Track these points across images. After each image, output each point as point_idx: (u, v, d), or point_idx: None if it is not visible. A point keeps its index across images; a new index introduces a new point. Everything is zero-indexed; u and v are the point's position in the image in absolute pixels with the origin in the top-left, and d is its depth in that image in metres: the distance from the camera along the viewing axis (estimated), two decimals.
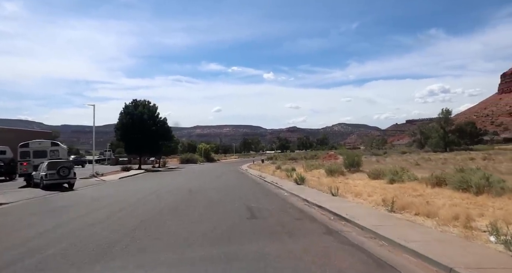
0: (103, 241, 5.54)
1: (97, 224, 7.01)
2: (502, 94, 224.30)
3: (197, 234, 5.99)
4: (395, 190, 11.25)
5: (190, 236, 5.81)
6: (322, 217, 7.70)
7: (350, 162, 22.00)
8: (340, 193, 11.15)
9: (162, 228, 6.51)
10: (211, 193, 12.83)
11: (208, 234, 5.98)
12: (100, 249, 5.06)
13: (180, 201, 10.58)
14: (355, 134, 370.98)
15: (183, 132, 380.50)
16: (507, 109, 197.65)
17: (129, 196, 12.30)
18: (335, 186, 12.62)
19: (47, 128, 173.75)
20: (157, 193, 13.17)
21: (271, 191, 13.74)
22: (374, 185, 13.18)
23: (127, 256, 4.73)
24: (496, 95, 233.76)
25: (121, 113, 37.19)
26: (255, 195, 12.33)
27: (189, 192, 13.33)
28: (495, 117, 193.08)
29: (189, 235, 5.89)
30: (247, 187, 15.62)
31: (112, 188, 16.45)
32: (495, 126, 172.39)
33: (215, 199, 11.13)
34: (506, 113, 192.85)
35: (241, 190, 14.05)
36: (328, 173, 20.10)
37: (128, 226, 6.72)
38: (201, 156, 73.79)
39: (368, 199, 9.83)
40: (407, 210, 7.69)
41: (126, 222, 7.15)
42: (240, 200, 10.67)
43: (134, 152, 39.93)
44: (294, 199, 11.14)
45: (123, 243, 5.41)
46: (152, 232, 6.18)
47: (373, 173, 16.41)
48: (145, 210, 8.81)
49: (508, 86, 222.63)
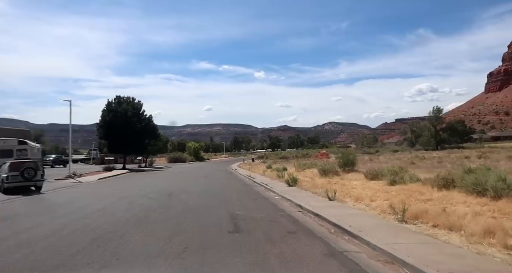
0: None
1: (32, 243, 5.47)
2: (488, 93, 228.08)
3: (161, 257, 4.57)
4: (399, 193, 10.01)
5: (150, 262, 4.39)
6: (321, 230, 6.35)
7: (344, 161, 20.78)
8: (338, 197, 9.85)
9: (118, 248, 5.06)
10: (193, 197, 11.39)
11: (175, 258, 4.57)
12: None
13: (154, 208, 9.10)
14: (345, 133, 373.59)
15: (174, 130, 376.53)
16: (493, 108, 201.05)
17: (97, 202, 10.76)
18: (332, 189, 11.33)
19: (33, 126, 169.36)
20: (131, 197, 11.66)
21: (261, 194, 12.37)
22: (374, 187, 11.94)
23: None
24: (483, 94, 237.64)
25: (104, 110, 35.21)
26: (242, 199, 10.94)
27: (168, 196, 11.86)
28: (482, 116, 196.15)
29: (149, 260, 4.46)
30: (235, 190, 14.22)
31: (85, 191, 14.82)
32: (482, 124, 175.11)
33: (196, 205, 9.69)
34: (493, 112, 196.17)
35: (228, 193, 12.64)
36: (322, 173, 18.87)
37: (74, 246, 5.22)
38: (190, 155, 72.13)
39: (371, 204, 8.55)
40: (422, 219, 6.42)
41: (74, 240, 5.65)
42: (224, 206, 9.28)
43: (118, 151, 38.03)
44: (286, 205, 9.79)
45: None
46: (103, 255, 4.73)
47: (370, 173, 15.19)
48: (108, 220, 7.32)
49: (495, 85, 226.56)
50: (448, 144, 67.99)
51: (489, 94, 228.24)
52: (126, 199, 11.10)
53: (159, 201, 10.58)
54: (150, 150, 47.48)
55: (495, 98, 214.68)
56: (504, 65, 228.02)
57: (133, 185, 16.88)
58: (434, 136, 68.69)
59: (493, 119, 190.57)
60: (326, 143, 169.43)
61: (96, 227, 6.54)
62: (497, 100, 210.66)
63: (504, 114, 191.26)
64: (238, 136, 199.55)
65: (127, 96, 36.94)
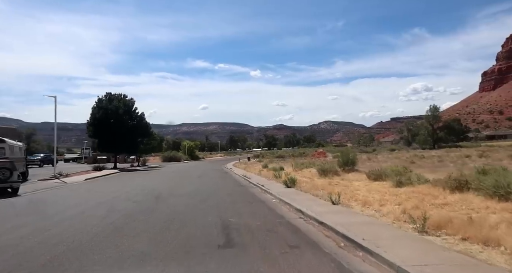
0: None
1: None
2: (482, 92, 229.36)
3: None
4: (409, 196, 9.07)
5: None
6: (328, 243, 5.36)
7: (344, 160, 19.86)
8: (343, 201, 8.88)
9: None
10: (182, 201, 10.34)
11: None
12: None
13: (136, 214, 8.05)
14: (341, 132, 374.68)
15: (169, 129, 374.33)
16: (487, 107, 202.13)
17: (75, 206, 9.67)
18: (334, 191, 10.36)
19: (26, 125, 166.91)
20: (114, 201, 10.58)
21: (256, 197, 11.37)
22: (379, 189, 10.99)
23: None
24: (477, 93, 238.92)
25: (94, 108, 33.90)
26: (237, 202, 9.93)
27: (155, 199, 10.80)
28: (477, 115, 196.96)
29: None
30: (229, 191, 13.20)
31: (66, 193, 13.69)
32: (476, 123, 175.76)
33: (184, 210, 8.65)
34: (487, 111, 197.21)
35: (221, 196, 11.62)
36: (321, 173, 17.93)
37: (21, 272, 4.17)
38: (185, 154, 71.01)
39: (381, 210, 7.58)
40: (446, 230, 5.46)
41: (24, 260, 4.56)
42: (216, 211, 8.26)
43: (109, 150, 36.78)
44: (284, 209, 8.80)
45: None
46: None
47: (373, 174, 14.25)
48: (78, 231, 6.26)
49: (489, 84, 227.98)
50: (445, 142, 67.64)
51: (483, 93, 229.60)
52: (108, 203, 10.02)
53: (144, 205, 9.52)
54: (143, 149, 46.29)
55: (489, 97, 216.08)
56: (498, 65, 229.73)
57: (120, 186, 15.77)
58: (431, 134, 68.32)
59: (487, 118, 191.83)
60: (322, 142, 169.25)
61: (60, 241, 5.48)
62: (491, 99, 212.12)
63: (498, 113, 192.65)
64: (234, 135, 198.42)
65: (118, 93, 35.73)
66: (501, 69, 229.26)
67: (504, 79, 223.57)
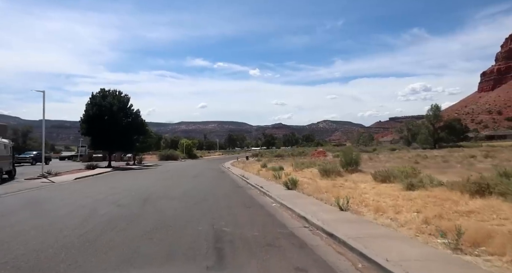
0: None
1: None
2: (481, 93, 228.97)
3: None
4: (425, 201, 8.09)
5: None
6: (342, 263, 4.36)
7: (347, 160, 18.87)
8: (351, 206, 7.89)
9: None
10: (172, 204, 9.33)
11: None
12: None
13: (116, 222, 7.01)
14: (339, 131, 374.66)
15: (168, 128, 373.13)
16: (486, 107, 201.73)
17: (50, 211, 8.62)
18: (340, 194, 9.38)
19: (24, 122, 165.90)
20: (97, 204, 9.55)
21: (254, 200, 10.37)
22: (389, 192, 10.02)
23: None
24: (476, 93, 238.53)
25: (87, 104, 32.73)
26: (233, 207, 8.92)
27: (143, 202, 9.78)
28: (475, 115, 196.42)
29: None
30: (225, 193, 12.20)
31: (49, 194, 12.63)
32: (475, 123, 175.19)
33: (173, 216, 7.64)
34: (486, 111, 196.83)
35: (216, 198, 10.61)
36: (323, 174, 16.98)
37: None
38: (182, 153, 70.03)
39: (398, 218, 6.57)
40: (485, 247, 4.48)
41: None
42: (209, 218, 7.25)
43: (102, 147, 35.64)
44: (286, 216, 7.79)
45: None
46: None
47: (380, 175, 13.27)
48: (44, 245, 5.23)
49: (488, 84, 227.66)
50: (446, 142, 66.84)
51: (482, 93, 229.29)
52: (90, 207, 8.99)
53: (129, 210, 8.50)
54: (139, 147, 45.24)
55: (488, 98, 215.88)
56: (497, 65, 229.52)
57: (109, 187, 14.73)
58: (432, 134, 67.49)
59: (486, 119, 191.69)
60: (321, 142, 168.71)
61: (12, 259, 4.45)
62: (490, 99, 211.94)
63: (497, 114, 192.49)
64: (232, 133, 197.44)
65: (113, 89, 34.56)
66: (500, 69, 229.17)
67: (503, 79, 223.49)
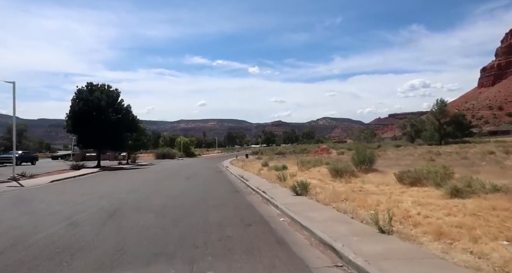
0: None
1: None
2: (481, 88, 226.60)
3: None
4: (499, 217, 5.75)
5: None
6: None
7: (360, 158, 16.54)
8: (395, 225, 5.53)
9: None
10: (145, 221, 6.96)
11: None
12: None
13: (50, 254, 4.66)
14: (339, 128, 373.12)
15: (167, 126, 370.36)
16: (487, 102, 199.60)
17: None
18: (371, 204, 7.05)
19: (22, 121, 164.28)
20: (44, 221, 7.14)
21: (256, 212, 8.02)
22: (430, 200, 7.67)
23: None
24: (476, 89, 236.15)
25: (73, 99, 30.22)
26: (226, 225, 6.56)
27: (108, 217, 7.39)
28: (476, 111, 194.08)
29: None
30: (218, 201, 9.85)
31: (1, 203, 10.27)
32: (476, 119, 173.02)
33: (137, 242, 5.28)
34: (486, 107, 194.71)
35: (205, 210, 8.25)
36: (334, 174, 14.66)
37: None
38: (180, 151, 67.73)
39: (485, 253, 4.20)
40: None
41: None
42: (188, 248, 4.90)
43: (90, 146, 33.19)
44: (303, 242, 5.42)
45: None
46: None
47: (408, 176, 10.94)
48: None
49: (488, 80, 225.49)
50: (452, 138, 64.60)
51: (482, 89, 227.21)
52: (31, 225, 6.61)
53: (81, 231, 6.12)
54: (132, 145, 42.81)
55: (488, 93, 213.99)
56: (497, 60, 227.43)
57: (81, 193, 12.34)
58: (438, 130, 65.22)
59: (487, 114, 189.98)
60: (321, 139, 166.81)
61: None
62: (491, 95, 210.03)
63: (498, 109, 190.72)
64: (232, 131, 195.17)
65: (101, 83, 32.07)
66: (500, 64, 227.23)
67: (504, 74, 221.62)
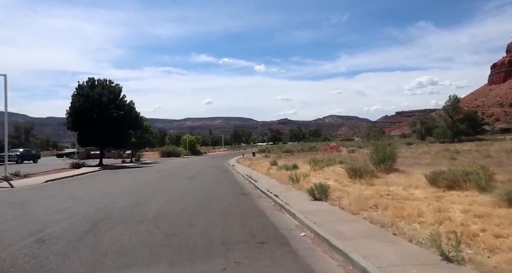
0: None
1: None
2: (492, 85, 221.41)
3: None
4: None
5: None
6: None
7: (380, 156, 15.00)
8: (464, 251, 4.08)
9: None
10: (131, 237, 5.58)
11: None
12: None
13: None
14: (346, 126, 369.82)
15: (174, 124, 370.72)
16: (497, 100, 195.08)
17: None
18: (412, 214, 5.58)
19: (31, 120, 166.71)
20: (9, 237, 5.85)
21: (269, 221, 6.60)
22: (484, 209, 6.18)
23: None
24: (486, 86, 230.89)
25: (74, 95, 29.09)
26: (232, 242, 5.14)
27: (87, 231, 6.02)
28: (486, 108, 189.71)
29: None
30: (223, 208, 8.45)
31: None
32: (486, 116, 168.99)
33: (120, 264, 3.91)
34: (497, 104, 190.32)
35: (207, 221, 6.84)
36: (352, 174, 13.19)
37: None
38: (185, 149, 66.65)
39: None
40: None
41: None
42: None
43: (91, 143, 32.13)
44: (335, 268, 4.00)
45: None
46: None
47: (444, 178, 9.42)
48: None
49: (499, 77, 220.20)
50: (465, 135, 62.37)
51: (492, 85, 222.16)
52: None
53: (49, 250, 4.77)
54: (136, 143, 41.75)
55: (499, 90, 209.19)
56: (509, 56, 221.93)
57: (70, 196, 11.04)
58: (450, 127, 63.05)
59: (497, 111, 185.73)
60: (328, 136, 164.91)
61: None
62: (501, 92, 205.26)
63: (509, 106, 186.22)
64: (238, 129, 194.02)
65: (103, 79, 30.87)
66: (511, 61, 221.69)
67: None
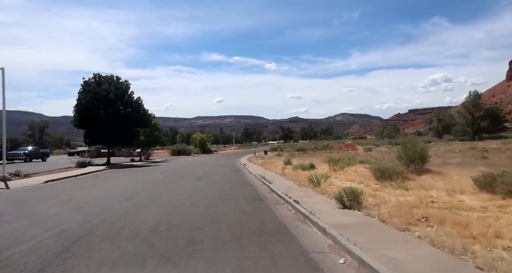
0: None
1: None
2: (510, 81, 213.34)
3: None
4: None
5: None
6: None
7: (410, 155, 13.39)
8: None
9: None
10: (118, 261, 4.26)
11: None
12: None
13: None
14: (357, 124, 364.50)
15: (185, 123, 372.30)
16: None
17: None
18: (479, 233, 4.06)
19: (47, 119, 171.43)
20: None
21: (294, 240, 5.17)
22: None
23: None
24: (504, 82, 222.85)
25: (80, 92, 28.20)
26: (245, 269, 3.74)
27: (59, 254, 4.74)
28: (504, 105, 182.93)
29: None
30: (235, 217, 7.07)
31: None
32: (504, 114, 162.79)
33: None
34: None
35: (217, 234, 5.46)
36: (379, 176, 11.67)
37: None
38: (196, 147, 65.78)
39: None
40: None
41: None
42: None
43: (98, 142, 31.24)
44: None
45: None
46: None
47: (503, 182, 7.82)
48: None
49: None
50: (487, 133, 59.42)
51: (510, 82, 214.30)
52: None
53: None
54: (145, 141, 40.84)
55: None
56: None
57: (63, 201, 9.82)
58: (471, 124, 60.19)
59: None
60: (340, 135, 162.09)
61: None
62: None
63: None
64: (249, 127, 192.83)
65: (110, 75, 29.89)
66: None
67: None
